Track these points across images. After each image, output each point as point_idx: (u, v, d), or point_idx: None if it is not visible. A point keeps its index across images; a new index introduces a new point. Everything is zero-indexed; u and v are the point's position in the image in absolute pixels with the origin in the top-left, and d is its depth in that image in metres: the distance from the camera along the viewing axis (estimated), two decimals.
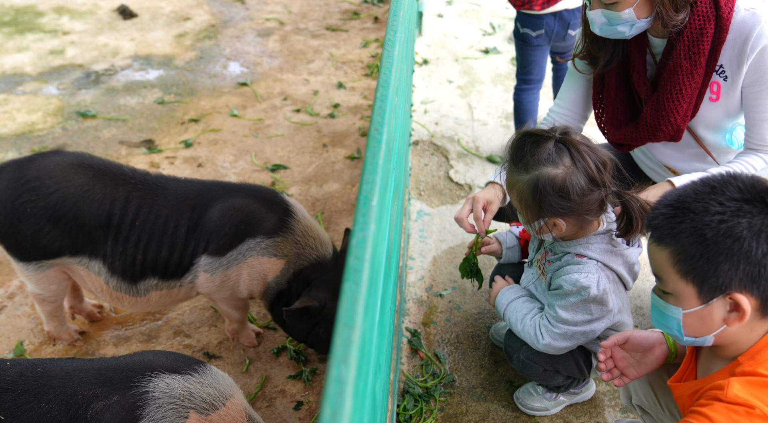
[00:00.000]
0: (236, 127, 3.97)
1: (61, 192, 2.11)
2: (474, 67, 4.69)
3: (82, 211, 2.12)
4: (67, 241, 2.16)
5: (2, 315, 2.70)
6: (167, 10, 5.53)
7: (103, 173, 2.20)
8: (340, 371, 0.69)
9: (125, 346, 2.59)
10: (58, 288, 2.33)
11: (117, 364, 1.63)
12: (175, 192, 2.24)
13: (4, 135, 3.86)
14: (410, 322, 2.70)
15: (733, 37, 1.94)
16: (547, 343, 1.96)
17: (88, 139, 3.85)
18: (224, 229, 2.20)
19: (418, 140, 3.85)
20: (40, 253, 2.17)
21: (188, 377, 1.61)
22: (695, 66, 1.99)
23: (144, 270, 2.22)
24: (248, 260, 2.23)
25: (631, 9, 1.92)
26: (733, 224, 1.26)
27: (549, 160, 1.74)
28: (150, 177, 2.27)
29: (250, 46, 4.99)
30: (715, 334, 1.36)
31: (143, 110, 4.15)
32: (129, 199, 2.17)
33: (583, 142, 1.77)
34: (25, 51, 4.83)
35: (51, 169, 2.14)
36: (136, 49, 4.91)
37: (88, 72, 4.58)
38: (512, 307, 2.07)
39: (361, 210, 0.95)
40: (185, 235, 2.20)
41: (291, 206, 2.31)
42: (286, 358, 2.55)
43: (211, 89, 4.40)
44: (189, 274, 2.26)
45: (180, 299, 2.39)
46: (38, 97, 4.26)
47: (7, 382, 1.55)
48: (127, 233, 2.17)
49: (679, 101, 2.05)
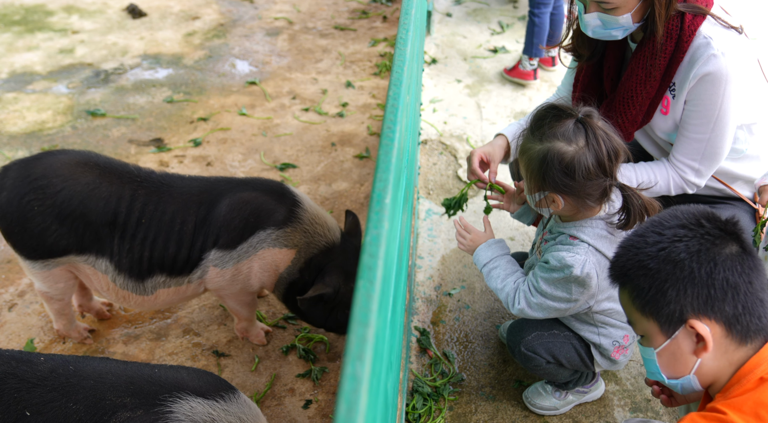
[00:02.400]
0: (245, 126, 3.98)
1: (68, 190, 2.12)
2: (482, 66, 4.68)
3: (88, 210, 2.13)
4: (74, 240, 2.16)
5: (12, 313, 2.71)
6: (176, 9, 5.54)
7: (109, 171, 2.21)
8: (355, 368, 0.69)
9: (135, 344, 2.59)
10: (65, 286, 2.34)
11: (150, 375, 1.61)
12: (181, 189, 2.25)
13: (14, 133, 3.88)
14: (419, 321, 2.70)
15: (687, 60, 2.00)
16: (522, 308, 1.97)
17: (98, 138, 3.86)
18: (234, 223, 2.21)
19: (427, 139, 3.85)
20: (46, 252, 2.17)
21: (214, 403, 1.59)
22: (649, 77, 2.06)
23: (151, 267, 2.23)
24: (259, 252, 2.24)
25: (629, 14, 1.96)
26: (670, 249, 1.29)
27: (564, 135, 1.76)
28: (155, 175, 2.28)
29: (259, 45, 5.00)
30: (695, 371, 1.34)
31: (152, 109, 4.16)
32: (135, 197, 2.18)
33: (603, 128, 1.78)
34: (34, 50, 4.85)
35: (58, 168, 2.15)
36: (145, 48, 4.92)
37: (97, 71, 4.59)
38: (495, 263, 2.07)
39: (375, 208, 0.95)
40: (192, 230, 2.21)
41: (297, 196, 2.33)
42: (295, 357, 2.55)
43: (220, 88, 4.41)
44: (197, 269, 2.26)
45: (187, 297, 2.39)
46: (48, 96, 4.28)
47: (38, 377, 1.55)
48: (133, 231, 2.17)
49: (629, 106, 2.13)
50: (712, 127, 2.01)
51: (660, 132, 2.20)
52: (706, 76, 1.95)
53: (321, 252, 2.31)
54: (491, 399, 2.38)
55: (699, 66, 1.95)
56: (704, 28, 1.97)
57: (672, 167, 2.14)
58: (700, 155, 2.08)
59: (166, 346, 2.59)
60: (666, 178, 2.15)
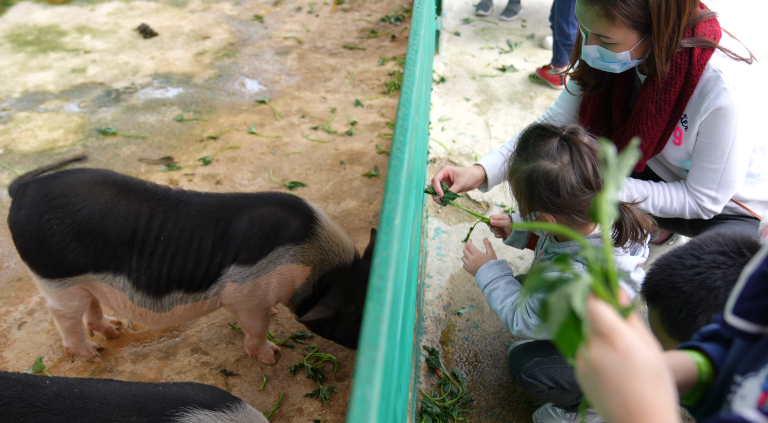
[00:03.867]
0: (254, 145, 4.00)
1: (87, 209, 2.13)
2: (491, 85, 4.69)
3: (107, 228, 2.14)
4: (92, 258, 2.17)
5: (22, 331, 2.72)
6: (187, 29, 5.60)
7: (127, 190, 2.22)
8: (364, 391, 0.69)
9: (143, 362, 2.59)
10: (79, 304, 2.34)
11: (155, 393, 1.62)
12: (198, 206, 2.26)
13: (26, 152, 3.92)
14: (428, 341, 2.69)
15: (698, 93, 2.02)
16: (520, 329, 1.96)
17: (108, 156, 3.89)
18: (254, 239, 2.22)
19: (435, 158, 3.86)
20: (64, 270, 2.18)
21: (221, 414, 1.59)
22: (659, 111, 2.08)
23: (169, 283, 2.23)
24: (278, 268, 2.25)
25: (628, 52, 1.99)
26: (707, 275, 1.27)
27: (548, 154, 1.76)
28: (172, 192, 2.29)
29: (269, 64, 5.04)
30: None
31: (162, 128, 4.19)
32: (153, 215, 2.19)
33: (588, 144, 1.77)
34: (47, 70, 4.90)
35: (76, 187, 2.16)
36: (156, 67, 4.97)
37: (108, 90, 4.63)
38: (495, 284, 2.06)
39: (384, 229, 0.95)
40: (211, 247, 2.21)
41: (315, 213, 2.34)
42: (303, 377, 2.54)
43: (229, 107, 4.44)
44: (215, 285, 2.27)
45: (203, 312, 2.40)
46: (60, 115, 4.32)
47: (44, 401, 1.55)
48: (152, 248, 2.18)
49: (640, 139, 2.13)
50: (726, 158, 2.03)
51: (673, 160, 2.21)
52: (717, 111, 1.96)
53: (333, 270, 2.33)
54: (501, 420, 2.36)
55: (710, 100, 1.96)
56: (713, 61, 1.98)
57: (689, 194, 2.15)
58: (717, 184, 2.09)
59: (175, 365, 2.58)
60: (682, 202, 2.16)
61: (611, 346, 0.73)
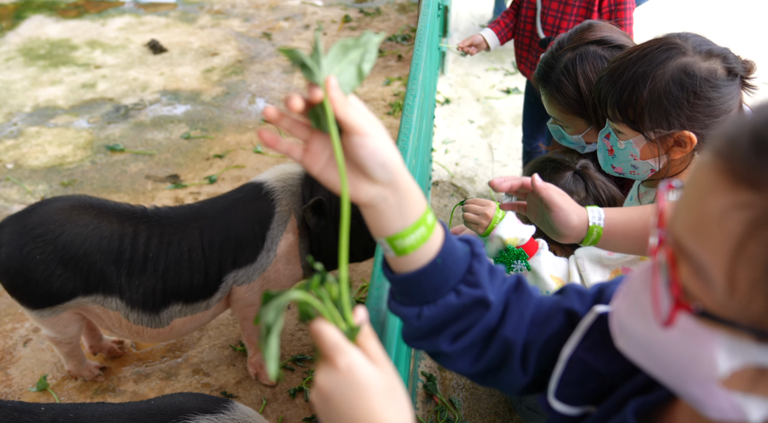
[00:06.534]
0: (260, 164, 4.05)
1: (68, 233, 2.15)
2: (495, 108, 4.74)
3: (91, 249, 2.16)
4: (80, 282, 2.19)
5: (27, 348, 2.76)
6: (196, 45, 5.67)
7: (105, 211, 2.25)
8: None
9: (145, 382, 2.63)
10: (74, 329, 2.38)
11: (148, 408, 1.65)
12: (177, 219, 2.32)
13: (36, 167, 3.98)
14: (426, 366, 2.72)
15: None
16: None
17: (116, 173, 3.94)
18: (245, 240, 2.30)
19: (438, 181, 3.90)
20: (54, 298, 2.20)
21: (221, 416, 1.63)
22: None
23: (166, 298, 2.27)
24: (277, 251, 2.33)
25: (580, 136, 1.98)
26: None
27: (565, 187, 1.80)
28: (150, 210, 2.34)
29: (276, 82, 5.10)
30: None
31: (170, 145, 4.25)
32: (137, 233, 2.23)
33: (600, 178, 1.82)
34: (58, 84, 4.98)
35: (52, 214, 2.19)
36: (164, 83, 5.03)
37: (117, 106, 4.70)
38: None
39: (376, 283, 0.99)
40: (202, 256, 2.27)
41: (264, 181, 2.40)
42: (302, 400, 2.58)
43: (236, 125, 4.49)
44: (218, 293, 2.32)
45: (201, 324, 2.44)
46: (69, 131, 4.38)
47: None
48: (141, 265, 2.22)
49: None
50: None
51: None
52: None
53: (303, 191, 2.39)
54: None
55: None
56: None
57: None
58: None
59: (176, 386, 2.62)
60: None
61: (333, 366, 0.69)
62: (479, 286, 0.89)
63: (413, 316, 0.90)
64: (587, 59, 1.85)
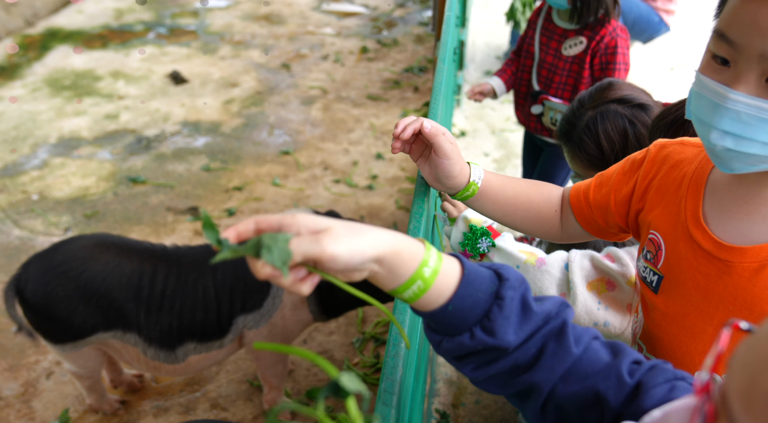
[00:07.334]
0: (278, 197, 4.12)
1: (90, 271, 2.24)
2: (510, 140, 4.79)
3: (112, 287, 2.24)
4: (101, 318, 2.27)
5: (50, 381, 2.83)
6: (216, 76, 5.79)
7: (126, 250, 2.33)
8: None
9: (164, 417, 2.69)
10: (95, 364, 2.45)
11: None
12: (194, 258, 2.38)
13: (60, 199, 4.08)
14: (440, 403, 2.75)
15: None
16: None
17: (137, 205, 4.03)
18: (252, 284, 2.34)
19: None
20: (76, 333, 2.28)
21: None
22: None
23: (181, 335, 2.34)
24: (282, 296, 2.37)
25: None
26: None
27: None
28: (169, 249, 2.41)
29: (294, 114, 5.19)
30: None
31: (190, 177, 4.34)
32: (156, 271, 2.30)
33: None
34: (82, 115, 5.10)
35: (75, 252, 2.27)
36: (185, 114, 5.15)
37: (139, 137, 4.81)
38: None
39: (390, 352, 1.04)
40: (215, 296, 2.33)
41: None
42: None
43: (255, 157, 4.58)
44: (230, 334, 2.38)
45: (218, 360, 2.50)
46: (92, 162, 4.49)
47: None
48: (159, 303, 2.29)
49: None
50: None
51: None
52: None
53: None
54: None
55: None
56: None
57: None
58: None
59: None
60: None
61: None
62: (494, 334, 0.89)
63: (435, 343, 0.94)
64: (608, 118, 1.90)
